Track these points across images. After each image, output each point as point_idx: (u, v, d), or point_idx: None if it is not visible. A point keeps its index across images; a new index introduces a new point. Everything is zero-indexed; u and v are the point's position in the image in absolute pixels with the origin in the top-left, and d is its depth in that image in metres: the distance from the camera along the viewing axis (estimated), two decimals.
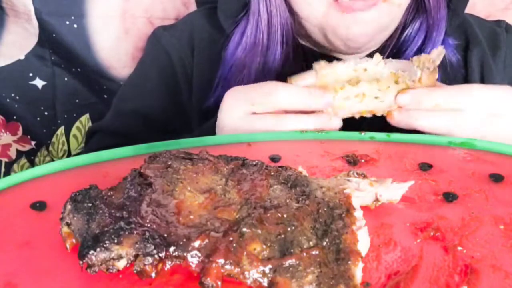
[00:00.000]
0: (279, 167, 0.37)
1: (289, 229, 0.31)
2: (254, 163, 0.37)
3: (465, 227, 0.35)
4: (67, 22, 0.83)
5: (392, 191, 0.37)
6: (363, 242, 0.32)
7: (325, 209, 0.33)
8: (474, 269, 0.31)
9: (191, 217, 0.32)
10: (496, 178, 0.40)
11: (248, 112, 0.52)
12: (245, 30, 0.67)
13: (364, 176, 0.38)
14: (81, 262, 0.29)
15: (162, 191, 0.33)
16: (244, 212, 0.32)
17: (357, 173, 0.38)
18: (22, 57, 0.86)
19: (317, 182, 0.36)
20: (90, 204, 0.32)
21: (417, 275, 0.31)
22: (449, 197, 0.38)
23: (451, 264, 0.32)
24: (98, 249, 0.29)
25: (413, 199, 0.38)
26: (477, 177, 0.41)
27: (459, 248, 0.33)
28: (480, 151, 0.44)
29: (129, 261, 0.30)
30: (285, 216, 0.31)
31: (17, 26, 0.84)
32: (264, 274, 0.29)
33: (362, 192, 0.36)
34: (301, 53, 0.68)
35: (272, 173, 0.36)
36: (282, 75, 0.64)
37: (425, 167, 0.42)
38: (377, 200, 0.37)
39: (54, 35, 0.84)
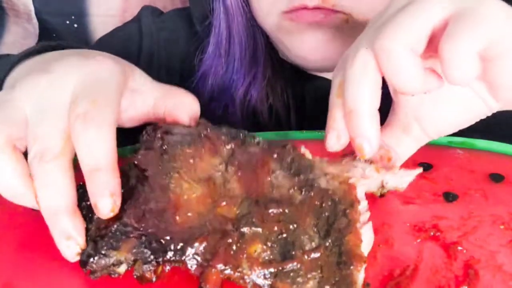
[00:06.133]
0: (282, 146, 0.35)
1: (291, 227, 0.30)
2: (256, 140, 0.35)
3: (465, 227, 0.35)
4: (67, 22, 0.83)
5: (399, 178, 0.36)
6: (366, 238, 0.31)
7: (329, 203, 0.32)
8: (474, 269, 0.31)
9: (189, 214, 0.30)
10: (496, 178, 0.40)
11: None
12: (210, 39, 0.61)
13: (371, 162, 0.36)
14: (84, 269, 0.29)
15: (158, 187, 0.31)
16: (245, 208, 0.31)
17: None
18: None
19: (321, 167, 0.34)
20: (89, 203, 0.32)
21: (417, 275, 0.31)
22: (449, 197, 0.38)
23: (451, 264, 0.32)
24: (97, 257, 0.29)
25: (413, 199, 0.38)
26: (477, 177, 0.41)
27: (459, 248, 0.33)
28: (480, 151, 0.44)
29: (129, 265, 0.30)
30: (286, 211, 0.31)
31: (17, 26, 0.84)
32: (264, 278, 0.28)
33: (367, 179, 0.34)
34: (279, 70, 0.62)
35: (275, 156, 0.34)
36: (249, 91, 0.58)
37: (425, 167, 0.42)
38: (382, 187, 0.36)
39: (54, 35, 0.84)
